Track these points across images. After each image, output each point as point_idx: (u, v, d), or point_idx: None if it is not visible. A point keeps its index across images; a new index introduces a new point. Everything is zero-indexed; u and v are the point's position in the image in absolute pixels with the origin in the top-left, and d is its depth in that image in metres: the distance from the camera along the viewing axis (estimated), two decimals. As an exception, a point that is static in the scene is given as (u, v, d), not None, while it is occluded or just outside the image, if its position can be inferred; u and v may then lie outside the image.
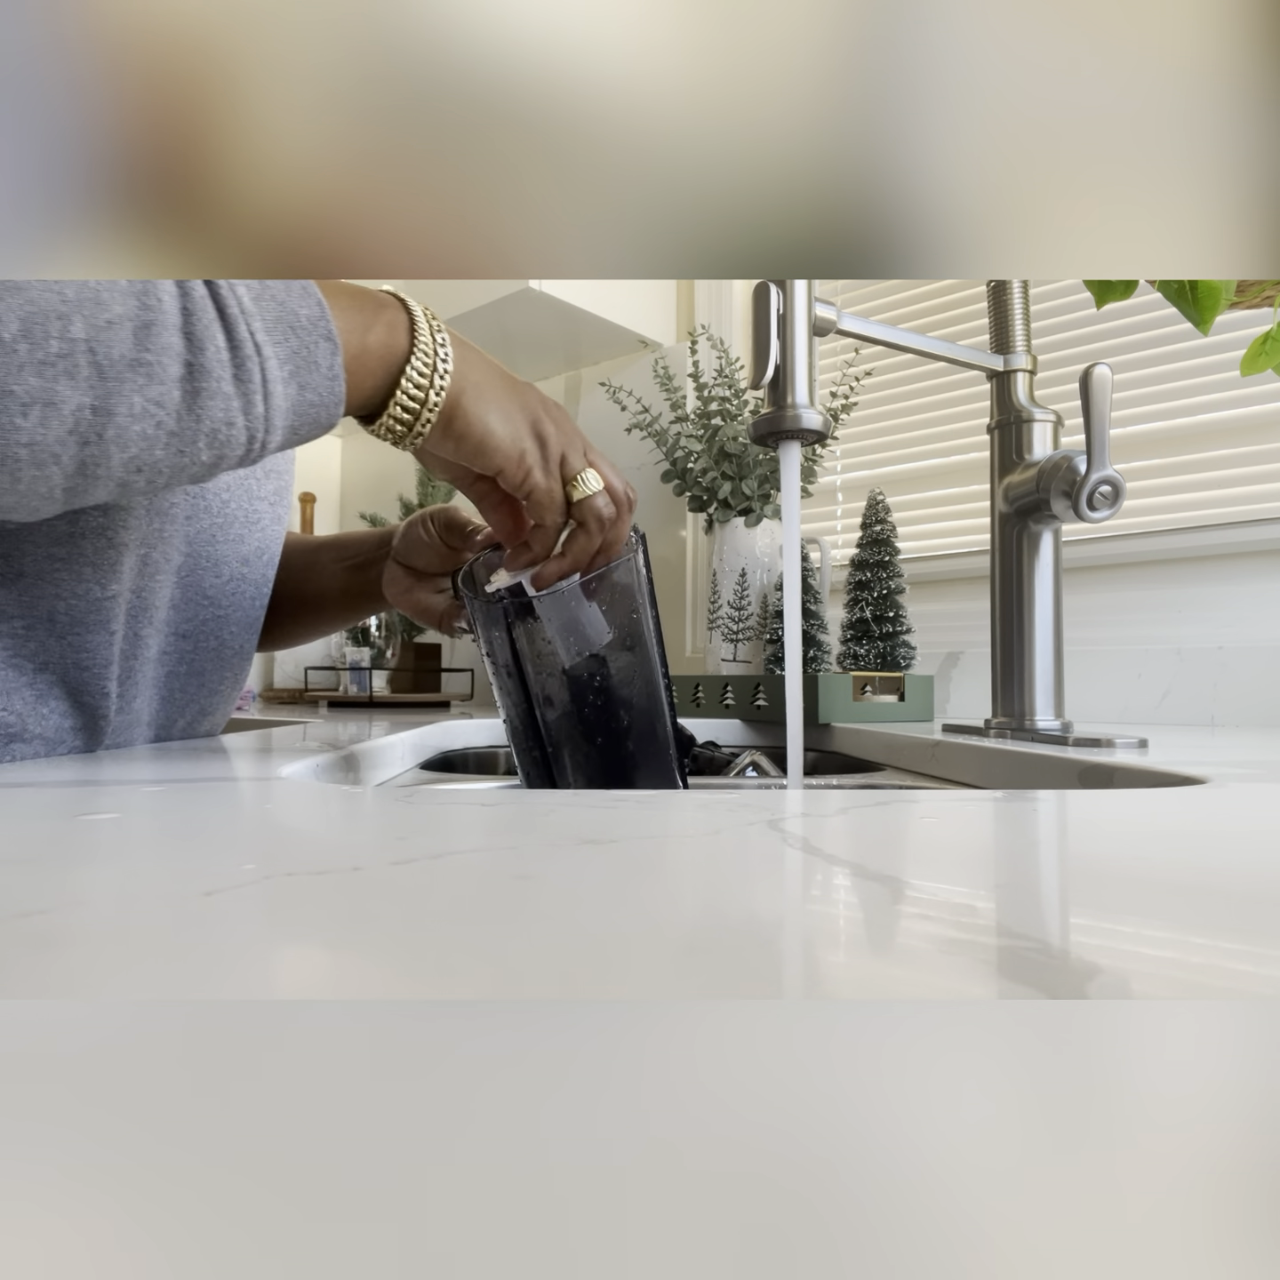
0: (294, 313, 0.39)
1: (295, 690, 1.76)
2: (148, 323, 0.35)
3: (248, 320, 0.37)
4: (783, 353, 0.64)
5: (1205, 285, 0.57)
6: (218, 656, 0.63)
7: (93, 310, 0.33)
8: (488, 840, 0.25)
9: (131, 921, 0.16)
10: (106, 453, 0.35)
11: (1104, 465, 0.67)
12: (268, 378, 0.38)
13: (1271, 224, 0.26)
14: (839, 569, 1.22)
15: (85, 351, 0.33)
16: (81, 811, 0.29)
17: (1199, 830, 0.28)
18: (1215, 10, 0.24)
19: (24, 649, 0.49)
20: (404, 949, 0.15)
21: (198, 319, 0.36)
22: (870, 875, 0.21)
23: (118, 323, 0.34)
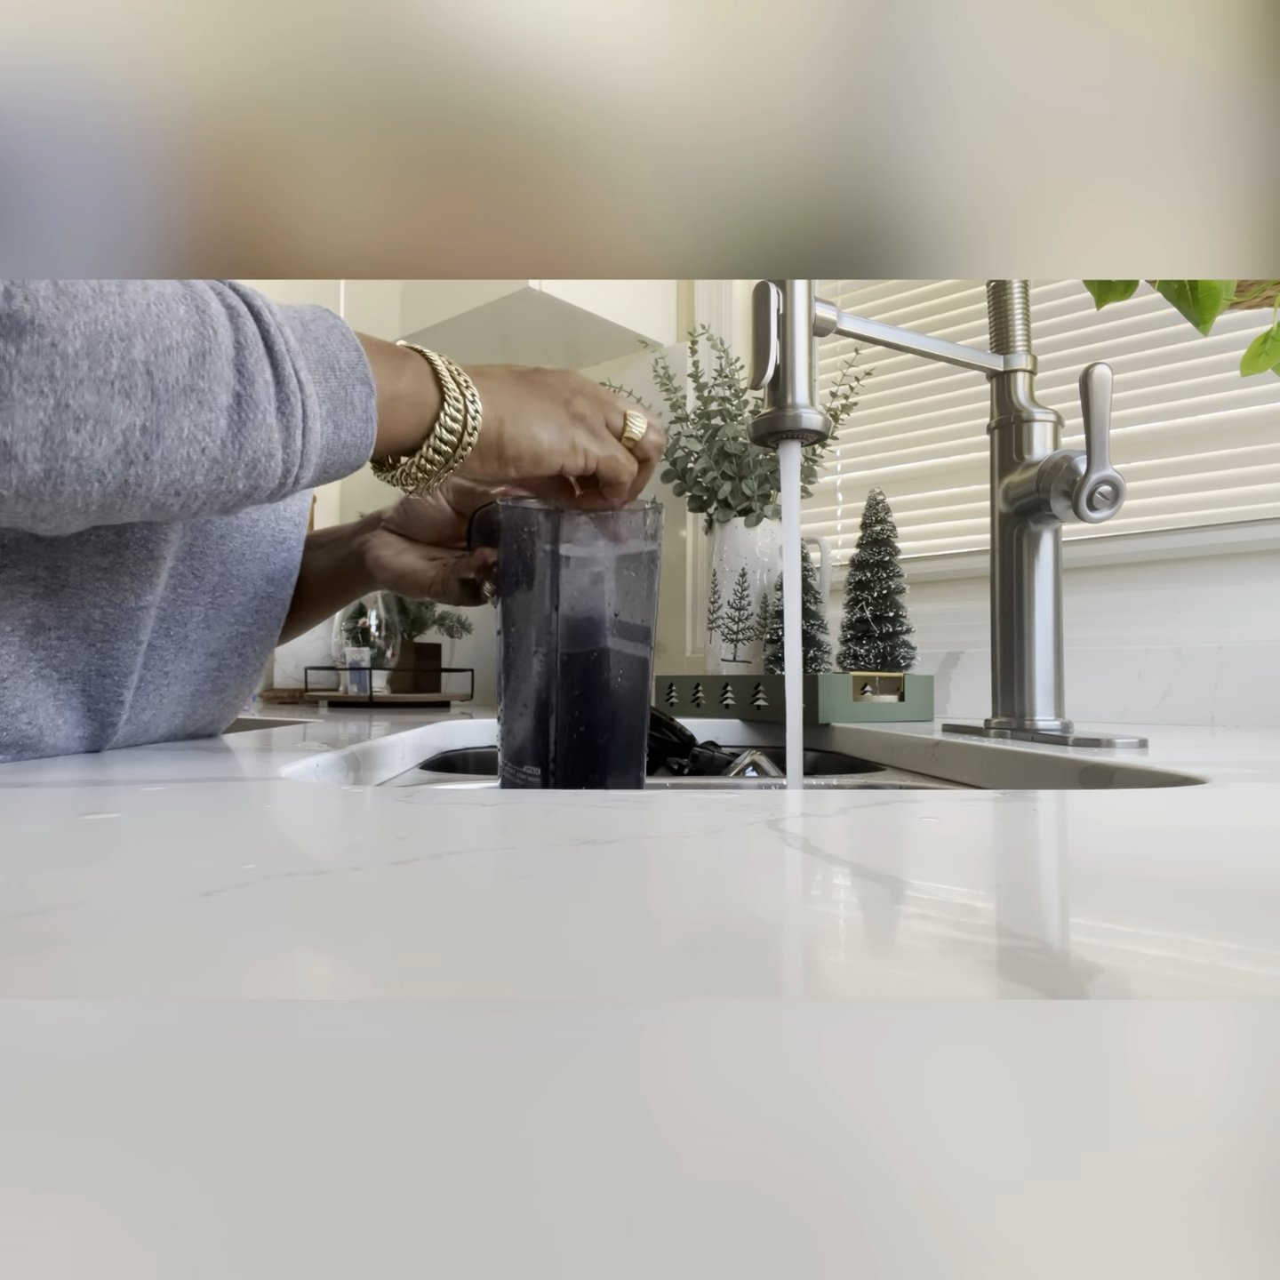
0: (334, 355, 0.41)
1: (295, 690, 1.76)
2: (203, 351, 0.36)
3: (293, 359, 0.39)
4: (783, 353, 0.64)
5: (1205, 285, 0.57)
6: (240, 673, 0.63)
7: (154, 335, 0.35)
8: (488, 840, 0.25)
9: (131, 921, 0.16)
10: (150, 474, 0.36)
11: (1104, 465, 0.67)
12: (308, 414, 0.40)
13: (1271, 224, 0.26)
14: (839, 569, 1.22)
15: (143, 373, 0.35)
16: (82, 811, 0.29)
17: (1199, 830, 0.28)
18: (1214, 11, 0.24)
19: (54, 659, 0.49)
20: (404, 949, 0.15)
21: (249, 353, 0.38)
22: (870, 875, 0.21)
23: (175, 349, 0.35)
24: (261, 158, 0.25)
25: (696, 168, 0.26)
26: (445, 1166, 0.09)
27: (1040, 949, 0.15)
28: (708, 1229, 0.08)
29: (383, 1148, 0.09)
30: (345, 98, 0.25)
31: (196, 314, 0.36)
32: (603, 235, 0.27)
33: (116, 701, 0.53)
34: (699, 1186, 0.08)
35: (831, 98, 0.25)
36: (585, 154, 0.26)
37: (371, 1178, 0.09)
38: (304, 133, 0.25)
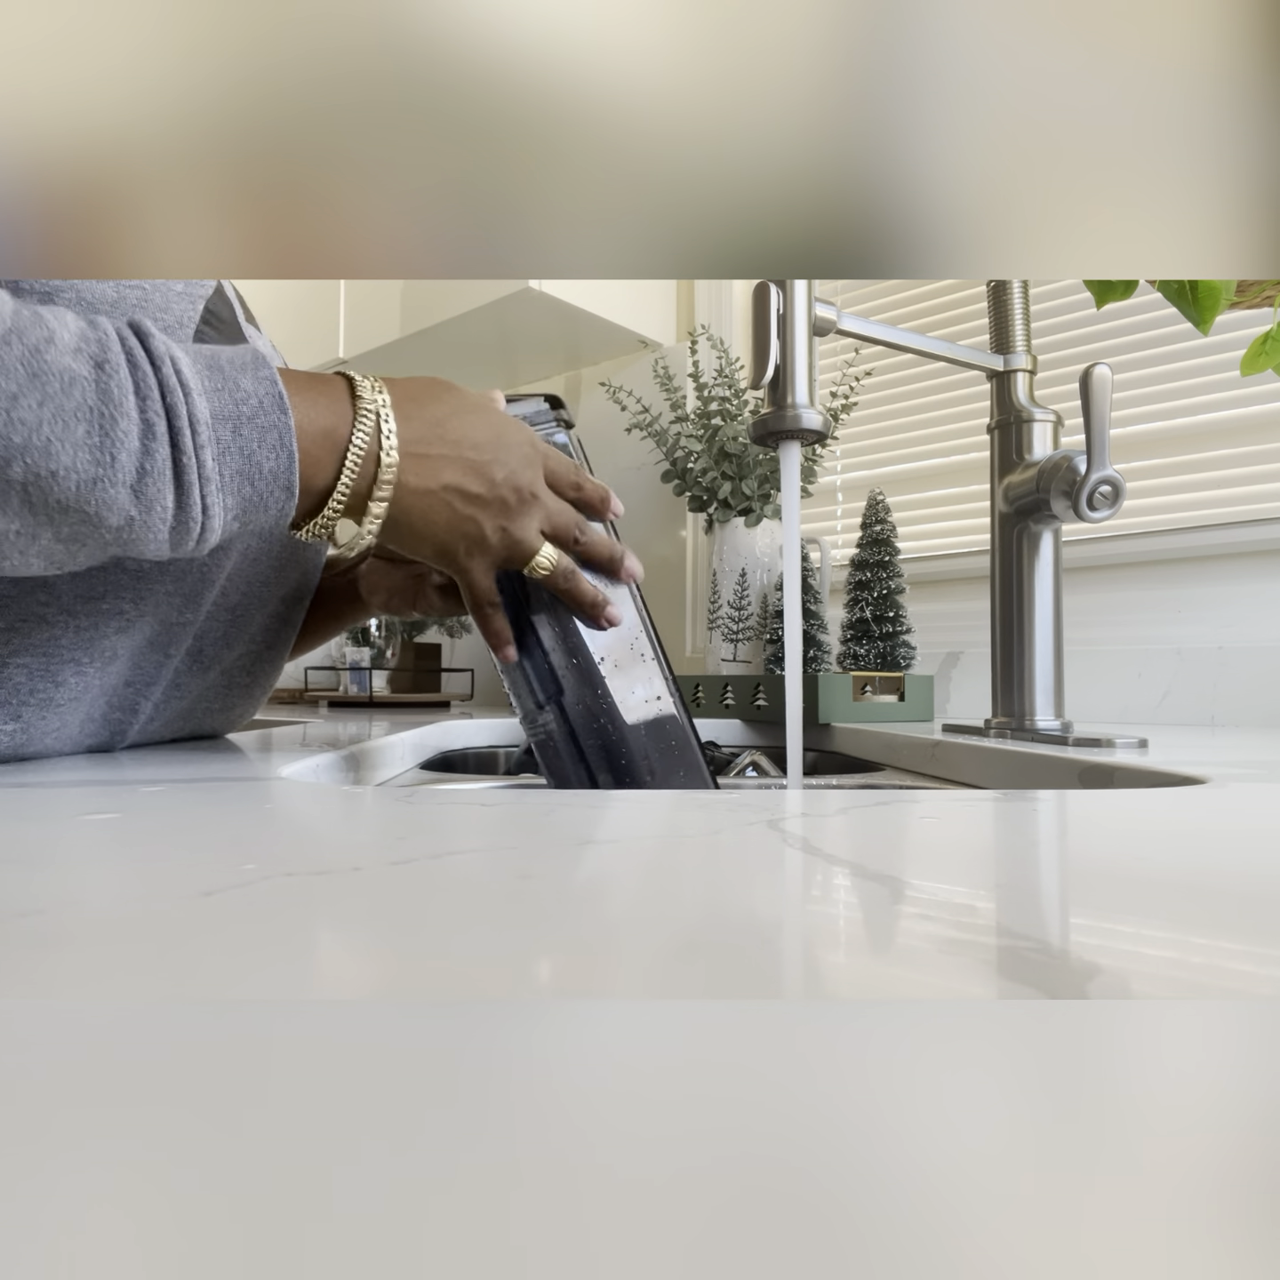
0: (258, 466, 0.38)
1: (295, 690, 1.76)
2: (94, 479, 0.34)
3: (203, 484, 0.37)
4: (783, 353, 0.64)
5: (1205, 285, 0.57)
6: (247, 693, 0.63)
7: (39, 458, 0.33)
8: (488, 840, 0.25)
9: (131, 922, 0.16)
10: (27, 563, 0.36)
11: (1104, 465, 0.67)
12: (206, 529, 0.38)
13: (1271, 224, 0.26)
14: (839, 569, 1.22)
15: (20, 493, 0.33)
16: (81, 811, 0.29)
17: (1199, 830, 0.28)
18: (1214, 13, 0.24)
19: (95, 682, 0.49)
20: (404, 949, 0.15)
21: (152, 480, 0.35)
22: (870, 875, 0.21)
23: (62, 475, 0.33)
24: (261, 158, 0.25)
25: (697, 168, 0.26)
26: (445, 1167, 0.09)
27: (1040, 949, 0.15)
28: (708, 1229, 0.08)
29: (382, 1147, 0.09)
30: (345, 97, 0.25)
31: (98, 435, 0.34)
32: (603, 235, 0.27)
33: (133, 711, 0.52)
34: (699, 1186, 0.08)
35: (832, 98, 0.25)
36: (585, 154, 0.26)
37: (370, 1176, 0.09)
38: (304, 132, 0.25)
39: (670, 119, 0.25)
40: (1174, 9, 0.24)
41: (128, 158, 0.25)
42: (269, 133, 0.25)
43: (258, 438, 0.38)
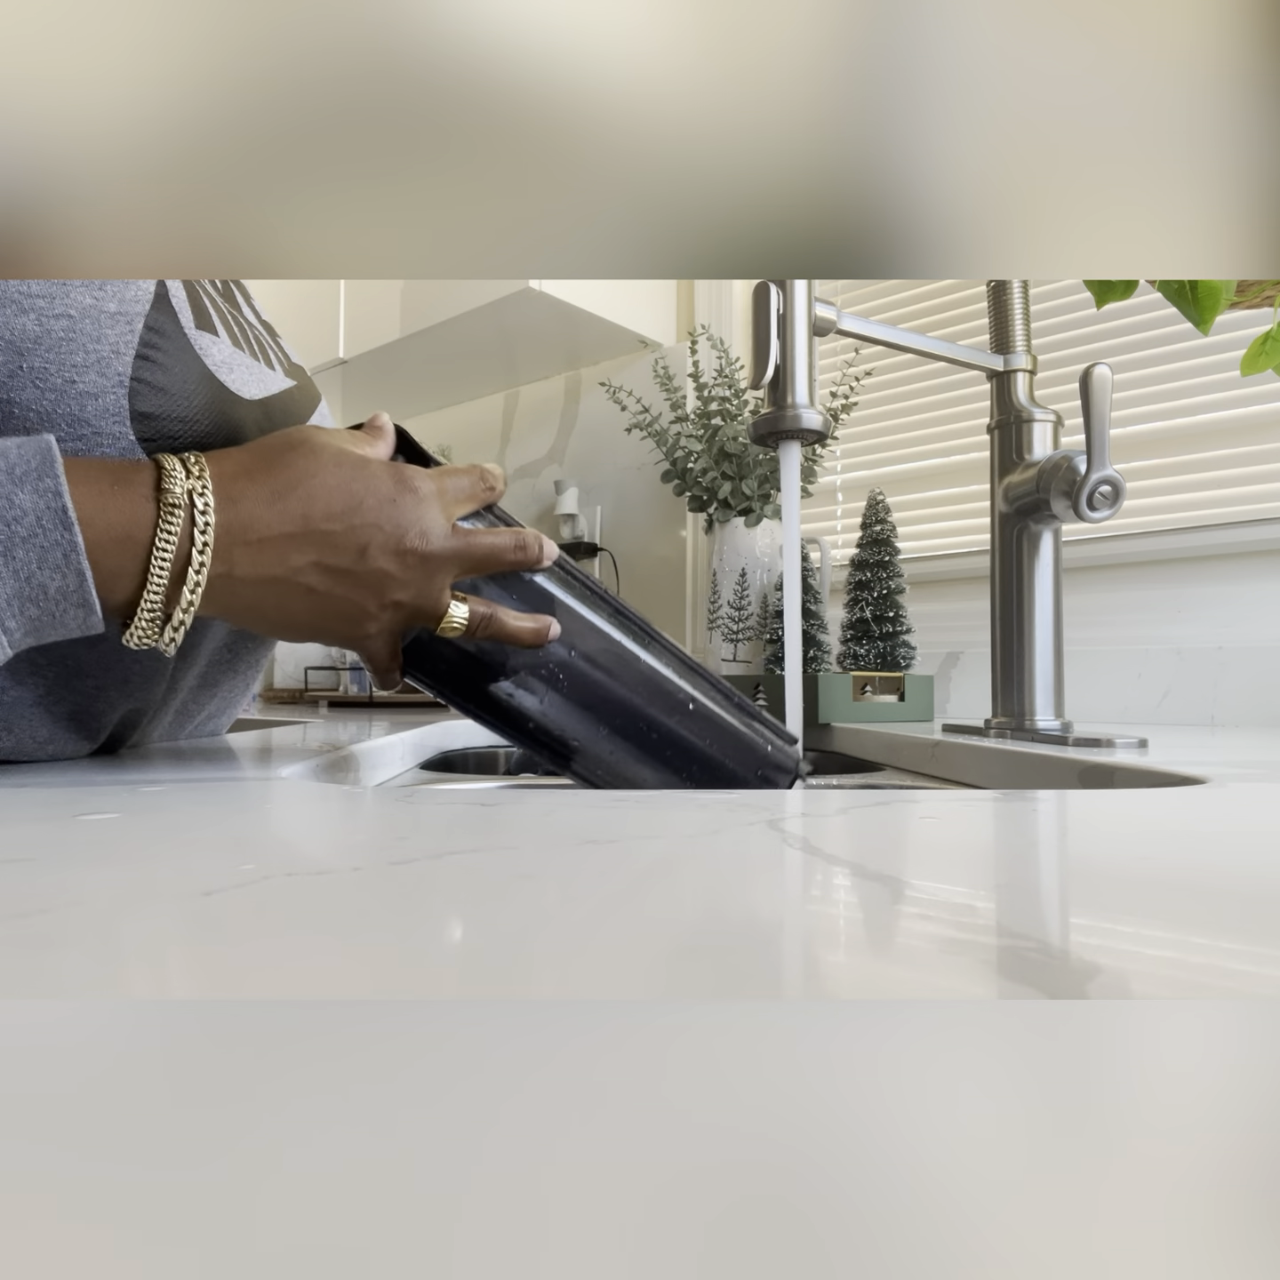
0: (41, 587, 0.36)
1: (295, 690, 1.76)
2: None
3: None
4: (783, 353, 0.64)
5: (1205, 285, 0.57)
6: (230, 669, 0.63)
7: None
8: (488, 840, 0.25)
9: (130, 921, 0.16)
10: None
11: (1104, 465, 0.67)
12: None
13: (1271, 224, 0.26)
14: (839, 569, 1.22)
15: None
16: (81, 811, 0.29)
17: (1199, 830, 0.28)
18: (1215, 11, 0.24)
19: (93, 706, 0.48)
20: (403, 949, 0.15)
21: None
22: (870, 875, 0.21)
23: None
24: (260, 157, 0.25)
25: (697, 168, 0.26)
26: (442, 1165, 0.09)
27: (1040, 949, 0.15)
28: (708, 1229, 0.08)
29: (383, 1145, 0.09)
30: (346, 97, 0.25)
31: None
32: (603, 235, 0.27)
33: (131, 727, 0.53)
34: (699, 1187, 0.08)
35: (832, 98, 0.25)
36: (585, 154, 0.26)
37: (368, 1174, 0.09)
38: (304, 132, 0.25)
39: (670, 119, 0.25)
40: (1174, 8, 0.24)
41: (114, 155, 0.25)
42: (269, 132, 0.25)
43: (36, 558, 0.35)
